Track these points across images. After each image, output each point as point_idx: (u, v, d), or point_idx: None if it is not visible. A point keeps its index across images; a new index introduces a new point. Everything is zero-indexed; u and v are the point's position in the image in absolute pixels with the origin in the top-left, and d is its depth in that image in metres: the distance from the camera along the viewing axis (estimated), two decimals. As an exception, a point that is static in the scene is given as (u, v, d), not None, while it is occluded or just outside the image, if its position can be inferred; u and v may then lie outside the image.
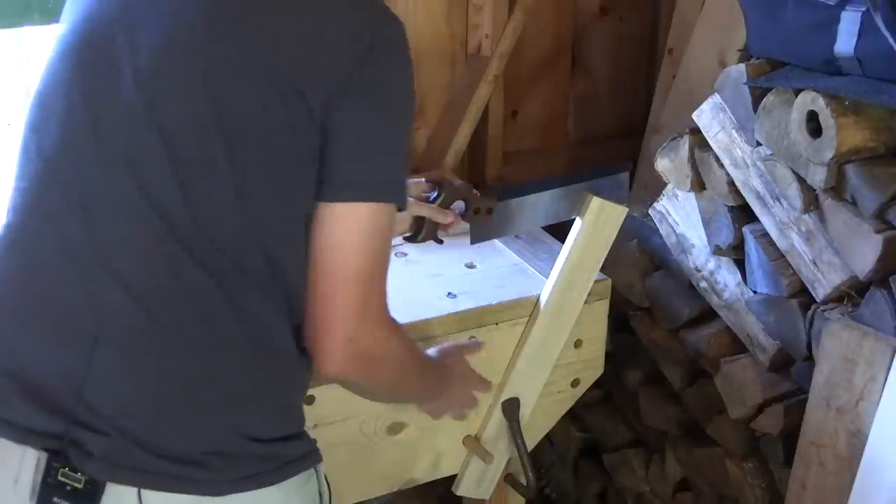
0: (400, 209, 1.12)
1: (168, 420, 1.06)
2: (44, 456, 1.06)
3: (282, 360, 1.13)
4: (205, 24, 1.06)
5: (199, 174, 1.04)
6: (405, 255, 1.74)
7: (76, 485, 1.04)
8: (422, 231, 1.50)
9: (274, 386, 1.12)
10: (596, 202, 1.56)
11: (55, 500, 1.05)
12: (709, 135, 1.68)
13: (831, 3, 1.41)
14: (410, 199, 1.46)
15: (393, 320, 1.15)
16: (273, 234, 1.08)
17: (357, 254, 1.08)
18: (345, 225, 1.08)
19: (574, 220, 1.60)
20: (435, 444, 1.64)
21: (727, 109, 1.63)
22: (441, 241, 1.53)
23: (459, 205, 1.53)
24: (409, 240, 1.54)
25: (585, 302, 1.65)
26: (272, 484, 1.10)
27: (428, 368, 1.35)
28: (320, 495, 1.19)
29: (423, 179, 1.52)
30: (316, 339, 1.10)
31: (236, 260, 1.06)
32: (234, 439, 1.08)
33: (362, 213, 1.08)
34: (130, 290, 1.05)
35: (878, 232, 1.43)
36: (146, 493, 1.04)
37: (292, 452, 1.13)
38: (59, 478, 1.05)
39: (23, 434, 1.07)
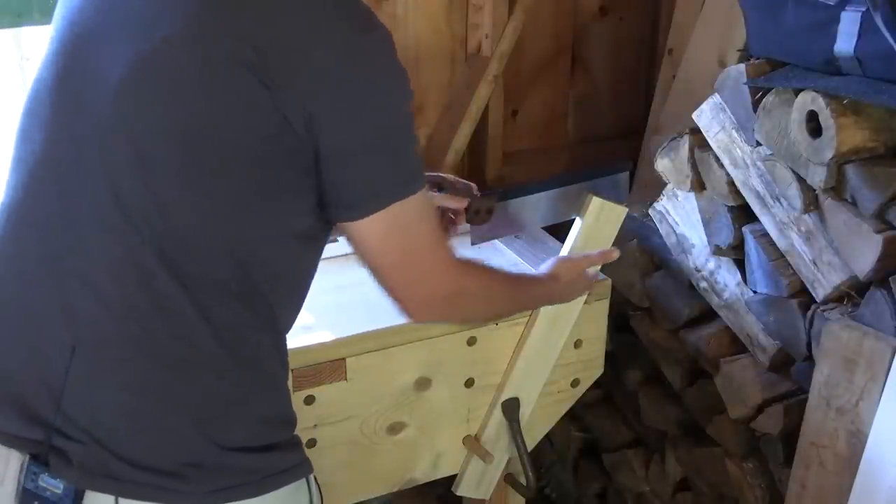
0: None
1: (141, 432, 1.06)
2: (27, 461, 1.06)
3: (259, 370, 1.12)
4: (179, 32, 1.04)
5: (169, 183, 1.03)
6: (405, 255, 1.74)
7: (56, 491, 1.05)
8: None
9: (250, 396, 1.11)
10: (596, 202, 1.56)
11: None
12: (709, 135, 1.68)
13: (831, 3, 1.41)
14: None
15: (459, 263, 1.19)
16: (247, 245, 1.07)
17: (397, 251, 1.12)
18: (376, 234, 1.10)
19: (574, 220, 1.60)
20: (435, 444, 1.64)
21: (727, 109, 1.63)
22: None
23: None
24: None
25: (585, 302, 1.65)
26: (255, 496, 1.09)
27: (516, 285, 1.41)
28: None
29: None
30: (395, 305, 1.17)
31: (209, 270, 1.05)
32: (212, 451, 1.07)
33: (389, 218, 1.09)
34: (104, 301, 1.05)
35: (878, 232, 1.43)
36: (124, 501, 1.05)
37: (276, 464, 1.12)
38: (40, 483, 1.05)
39: (7, 438, 1.07)
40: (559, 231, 1.67)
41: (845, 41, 1.40)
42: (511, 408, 1.66)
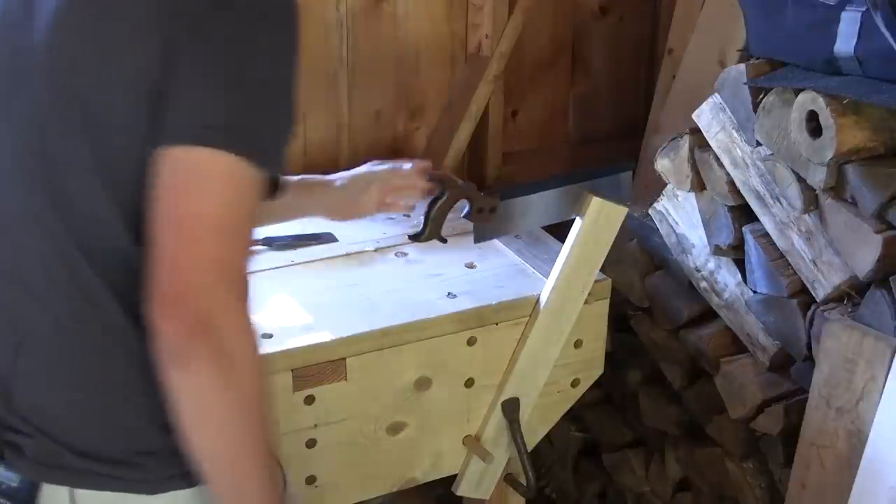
0: (272, 172, 0.97)
1: (90, 426, 1.05)
2: None
3: None
4: None
5: (59, 147, 1.00)
6: (405, 255, 1.74)
7: (12, 483, 1.05)
8: (425, 230, 1.51)
9: None
10: (596, 202, 1.56)
11: None
12: (709, 135, 1.68)
13: (831, 4, 1.41)
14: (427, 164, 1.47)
15: (243, 306, 0.96)
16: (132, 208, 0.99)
17: (204, 198, 0.93)
18: (185, 168, 0.93)
19: (574, 219, 1.60)
20: (435, 444, 1.64)
21: (727, 109, 1.63)
22: (445, 240, 1.54)
23: (463, 204, 1.53)
24: (413, 238, 1.54)
25: (585, 302, 1.65)
26: None
27: (261, 451, 1.05)
28: None
29: (412, 165, 1.52)
30: (154, 305, 0.94)
31: (112, 244, 1.01)
32: (163, 437, 1.05)
33: (204, 158, 0.93)
34: (38, 298, 1.04)
35: (878, 232, 1.43)
36: (78, 491, 1.05)
37: None
38: None
39: None
40: (559, 231, 1.67)
41: (845, 41, 1.41)
42: (511, 408, 1.66)
